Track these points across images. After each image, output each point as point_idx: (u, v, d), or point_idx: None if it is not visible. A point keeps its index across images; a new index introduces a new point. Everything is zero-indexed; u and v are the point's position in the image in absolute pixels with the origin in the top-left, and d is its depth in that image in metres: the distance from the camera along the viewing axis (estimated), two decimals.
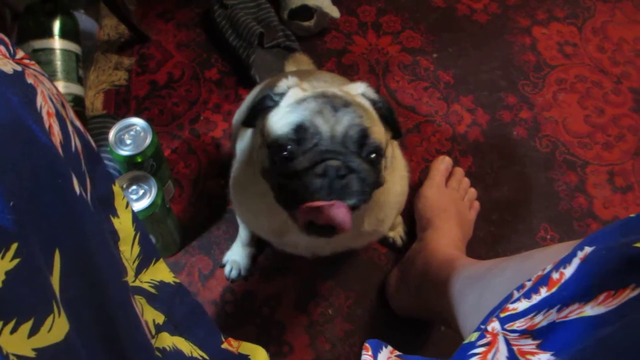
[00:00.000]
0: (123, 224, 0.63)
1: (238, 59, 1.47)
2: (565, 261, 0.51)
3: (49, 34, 1.28)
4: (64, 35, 1.29)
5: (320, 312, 1.21)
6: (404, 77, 1.50)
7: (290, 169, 0.74)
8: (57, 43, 1.28)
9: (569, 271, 0.50)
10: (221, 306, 1.21)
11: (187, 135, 1.40)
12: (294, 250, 1.05)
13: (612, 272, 0.47)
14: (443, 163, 1.30)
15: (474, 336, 0.57)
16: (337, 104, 0.76)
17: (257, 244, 1.23)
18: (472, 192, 1.30)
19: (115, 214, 0.63)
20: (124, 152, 1.11)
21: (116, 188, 0.64)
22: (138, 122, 1.14)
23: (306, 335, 1.18)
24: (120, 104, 1.43)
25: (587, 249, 0.51)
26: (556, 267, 0.52)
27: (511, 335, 0.53)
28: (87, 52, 1.42)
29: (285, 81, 0.83)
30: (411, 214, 1.30)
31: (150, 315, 0.64)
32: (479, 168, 1.37)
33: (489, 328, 0.55)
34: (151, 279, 0.66)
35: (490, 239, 1.29)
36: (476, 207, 1.29)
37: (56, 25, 1.28)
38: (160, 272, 0.68)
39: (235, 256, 1.24)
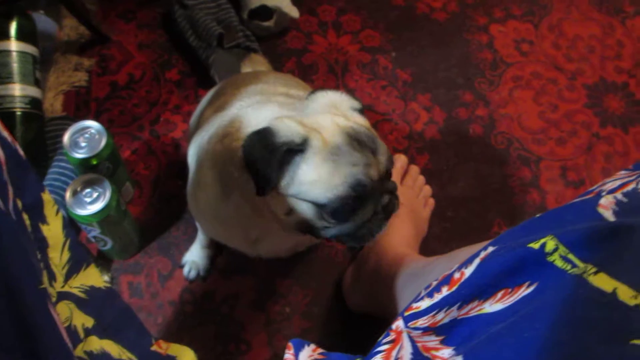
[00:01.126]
0: (52, 231, 0.65)
1: (198, 59, 1.48)
2: (468, 262, 0.54)
3: (5, 35, 1.28)
4: (20, 37, 1.29)
5: (278, 310, 1.23)
6: (363, 76, 1.52)
7: (357, 222, 0.78)
8: (13, 45, 1.28)
9: (469, 271, 0.53)
10: (180, 306, 1.23)
11: (147, 137, 1.41)
12: (271, 254, 1.07)
13: (507, 271, 0.50)
14: (398, 161, 1.32)
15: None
16: (369, 143, 0.77)
17: (216, 245, 1.25)
18: (427, 189, 1.32)
19: (44, 221, 0.64)
20: (79, 154, 1.12)
21: (46, 196, 0.65)
22: (93, 124, 1.15)
23: (264, 333, 1.21)
24: (81, 106, 1.43)
25: (490, 249, 0.54)
26: (459, 267, 0.55)
27: (414, 333, 0.56)
28: (46, 53, 1.42)
29: (287, 123, 0.77)
30: None
31: (80, 320, 0.65)
32: (435, 165, 1.40)
33: (394, 326, 0.58)
34: (81, 284, 0.68)
35: (445, 235, 1.32)
36: (431, 205, 1.31)
37: (12, 27, 1.28)
38: (91, 277, 0.70)
39: (194, 257, 1.26)
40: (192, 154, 1.03)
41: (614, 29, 1.61)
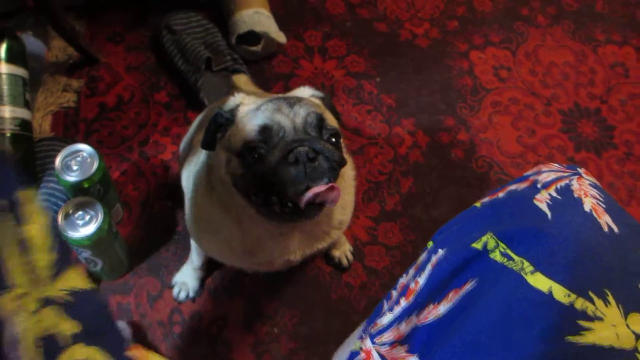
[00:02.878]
0: (35, 231, 0.63)
1: (187, 82, 1.50)
2: (421, 269, 0.59)
3: None
4: (10, 59, 1.30)
5: (266, 331, 1.25)
6: (349, 100, 1.56)
7: (266, 167, 0.82)
8: (3, 67, 1.29)
9: (422, 279, 0.57)
10: (169, 327, 1.24)
11: (136, 158, 1.42)
12: (268, 267, 1.09)
13: (454, 272, 0.55)
14: None
15: (357, 344, 0.63)
16: (291, 101, 0.86)
17: (207, 267, 1.26)
18: None
19: (24, 221, 0.62)
20: (71, 178, 1.14)
21: (25, 193, 0.63)
22: (85, 148, 1.16)
23: (252, 354, 1.22)
24: (69, 126, 1.44)
25: (440, 252, 0.58)
26: (414, 275, 0.59)
27: (383, 348, 0.59)
28: (35, 74, 1.43)
29: (232, 98, 0.92)
30: (356, 236, 1.35)
31: (67, 326, 0.63)
32: (419, 188, 1.44)
33: (363, 346, 0.61)
34: (68, 287, 0.65)
35: None
36: None
37: (2, 50, 1.29)
38: (77, 279, 0.68)
39: (185, 278, 1.27)
40: (186, 177, 1.05)
41: (587, 57, 1.69)
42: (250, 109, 0.88)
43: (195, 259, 1.22)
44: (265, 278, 1.28)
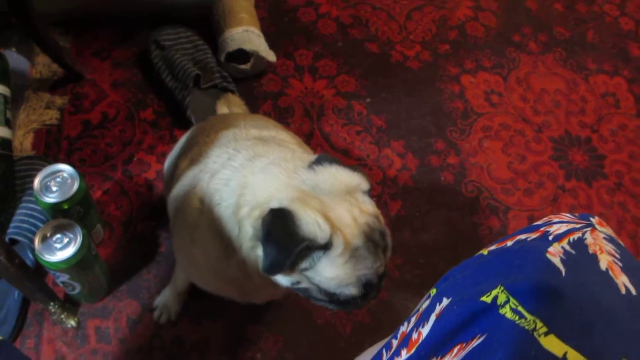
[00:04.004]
0: None
1: (174, 99, 1.48)
2: (424, 318, 0.55)
3: None
4: None
5: (249, 357, 1.22)
6: (338, 120, 1.54)
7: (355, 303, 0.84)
8: None
9: (425, 330, 0.54)
10: (148, 353, 1.20)
11: (119, 177, 1.39)
12: (258, 300, 1.10)
13: (461, 325, 0.51)
14: None
15: None
16: (380, 243, 0.82)
17: (190, 290, 1.23)
18: None
19: None
20: (50, 199, 1.10)
21: None
22: (65, 168, 1.13)
23: None
24: (51, 144, 1.41)
25: (445, 302, 0.55)
26: (416, 325, 0.56)
27: None
28: (17, 91, 1.40)
29: (314, 221, 0.77)
30: None
31: None
32: (407, 211, 1.42)
33: None
34: None
35: (417, 281, 1.34)
36: None
37: None
38: None
39: (167, 301, 1.23)
40: (174, 208, 1.02)
41: (578, 85, 1.69)
42: (347, 257, 0.79)
43: (179, 284, 1.19)
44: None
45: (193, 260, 0.99)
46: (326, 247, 0.77)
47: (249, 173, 0.86)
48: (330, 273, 0.78)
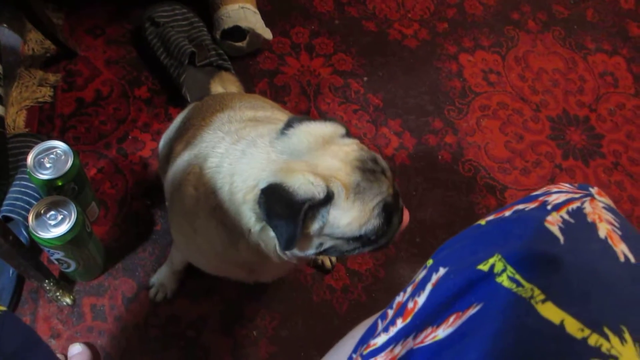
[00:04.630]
0: None
1: (169, 77, 1.46)
2: (420, 288, 0.54)
3: None
4: None
5: (245, 335, 1.22)
6: (335, 99, 1.53)
7: (386, 239, 0.85)
8: None
9: (421, 299, 0.53)
10: (144, 330, 1.20)
11: (114, 155, 1.38)
12: (266, 278, 1.09)
13: (457, 294, 0.51)
14: None
15: None
16: (376, 168, 0.82)
17: (186, 269, 1.23)
18: None
19: None
20: (44, 176, 1.09)
21: None
22: (59, 144, 1.11)
23: (231, 358, 1.19)
24: (44, 122, 1.39)
25: (441, 271, 0.54)
26: (412, 294, 0.55)
27: None
28: (9, 68, 1.38)
29: (307, 181, 0.76)
30: None
31: None
32: (404, 190, 1.42)
33: None
34: None
35: (414, 260, 1.34)
36: None
37: None
38: None
39: (163, 279, 1.23)
40: (170, 193, 1.01)
41: (577, 64, 1.67)
42: (352, 196, 0.79)
43: (176, 263, 1.18)
44: None
45: (197, 249, 0.98)
46: (328, 199, 0.77)
47: (233, 160, 0.85)
48: (346, 219, 0.78)
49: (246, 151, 0.85)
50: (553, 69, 1.66)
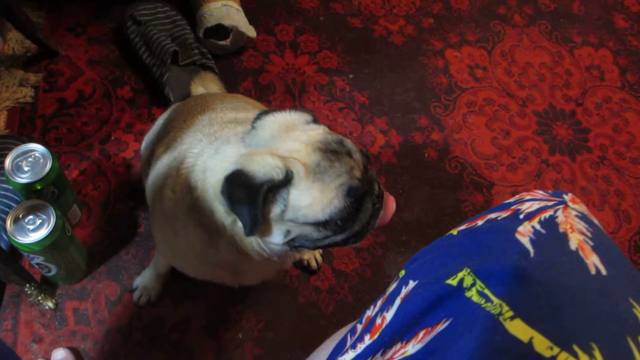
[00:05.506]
0: None
1: (152, 76, 1.44)
2: (389, 303, 0.53)
3: None
4: None
5: (230, 337, 1.21)
6: (320, 97, 1.52)
7: (357, 226, 0.81)
8: None
9: (390, 314, 0.52)
10: (128, 333, 1.19)
11: (96, 156, 1.36)
12: (251, 281, 1.07)
13: (426, 309, 0.50)
14: None
15: None
16: (340, 149, 0.79)
17: (170, 272, 1.21)
18: None
19: None
20: (22, 180, 1.07)
21: None
22: (37, 147, 1.10)
23: None
24: (25, 123, 1.37)
25: (411, 284, 0.53)
26: (381, 309, 0.54)
27: None
28: None
29: (265, 162, 0.76)
30: None
31: None
32: (391, 189, 1.41)
33: None
34: None
35: (401, 259, 1.33)
36: None
37: None
38: None
39: (147, 282, 1.22)
40: (150, 198, 1.00)
41: (563, 58, 1.66)
42: (309, 174, 0.77)
43: (160, 266, 1.17)
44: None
45: (179, 252, 0.97)
46: (287, 180, 0.76)
47: (207, 157, 0.85)
48: (306, 199, 0.77)
49: (219, 149, 0.84)
50: (539, 63, 1.65)
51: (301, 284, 1.28)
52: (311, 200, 0.76)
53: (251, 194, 0.74)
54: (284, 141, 0.79)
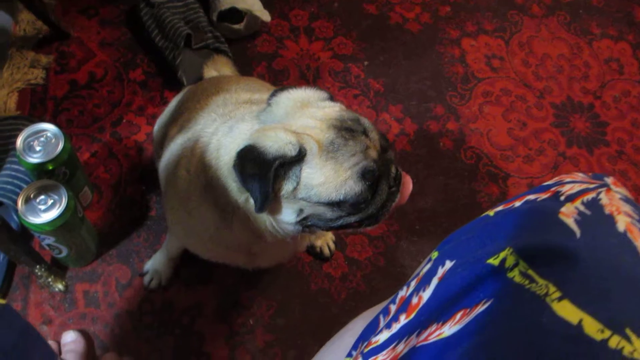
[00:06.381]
0: None
1: (165, 59, 1.42)
2: (425, 282, 0.51)
3: None
4: None
5: (241, 322, 1.19)
6: (335, 83, 1.50)
7: (373, 207, 0.79)
8: None
9: (427, 294, 0.50)
10: (138, 317, 1.18)
11: (108, 139, 1.35)
12: (265, 264, 1.05)
13: (465, 289, 0.47)
14: None
15: None
16: (356, 127, 0.77)
17: (182, 256, 1.20)
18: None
19: None
20: (33, 159, 1.06)
21: None
22: (49, 127, 1.08)
23: (226, 346, 1.17)
24: (36, 104, 1.36)
25: (448, 264, 0.51)
26: (417, 289, 0.52)
27: None
28: (0, 49, 1.34)
29: (277, 138, 0.74)
30: None
31: None
32: None
33: None
34: None
35: (414, 249, 1.31)
36: None
37: None
38: None
39: (158, 266, 1.20)
40: (164, 178, 0.99)
41: (582, 50, 1.64)
42: (323, 152, 0.75)
43: (172, 249, 1.16)
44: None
45: (193, 233, 0.96)
46: (300, 157, 0.74)
47: (221, 135, 0.83)
48: (319, 178, 0.75)
49: (234, 126, 0.83)
50: (557, 55, 1.62)
51: (313, 271, 1.26)
52: (324, 179, 0.75)
53: (262, 169, 0.73)
54: (298, 117, 0.78)
